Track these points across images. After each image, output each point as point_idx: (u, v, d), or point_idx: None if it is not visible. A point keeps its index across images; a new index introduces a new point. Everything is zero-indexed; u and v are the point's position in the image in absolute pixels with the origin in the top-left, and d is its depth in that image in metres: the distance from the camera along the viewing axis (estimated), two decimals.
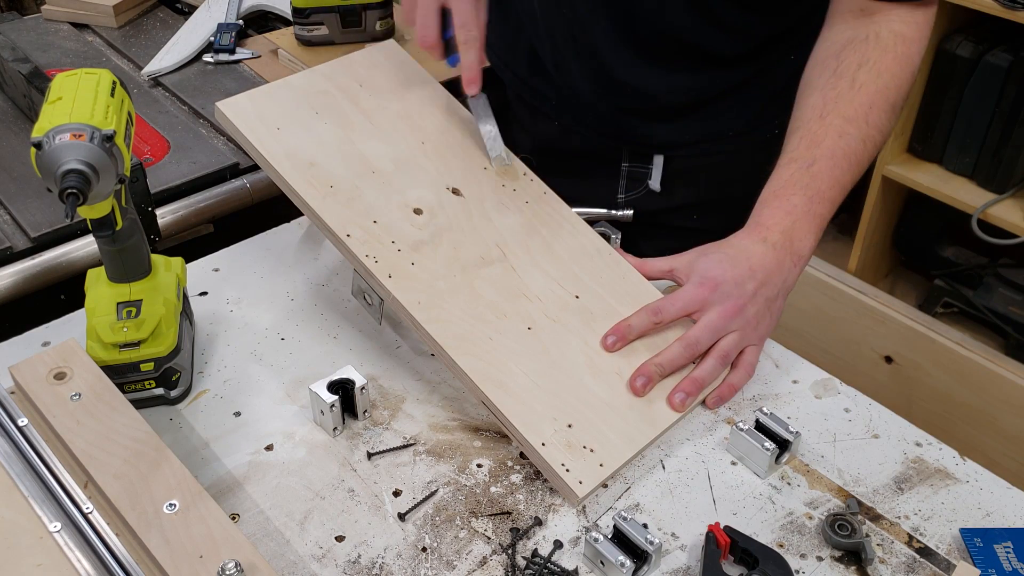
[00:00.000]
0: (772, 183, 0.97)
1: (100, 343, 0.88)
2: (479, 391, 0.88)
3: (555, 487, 0.85)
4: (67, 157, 0.75)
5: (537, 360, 0.90)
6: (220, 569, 0.69)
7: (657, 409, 0.90)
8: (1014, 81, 2.01)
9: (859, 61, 0.98)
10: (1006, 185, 2.10)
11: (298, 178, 0.96)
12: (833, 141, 0.96)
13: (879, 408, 0.94)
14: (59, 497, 0.74)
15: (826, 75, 0.99)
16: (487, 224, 0.99)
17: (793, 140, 0.98)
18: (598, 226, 1.08)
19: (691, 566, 0.79)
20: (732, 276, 0.92)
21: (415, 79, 1.10)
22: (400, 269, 0.93)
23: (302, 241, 1.13)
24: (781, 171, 0.97)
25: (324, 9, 1.66)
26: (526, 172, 1.06)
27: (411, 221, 0.97)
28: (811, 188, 0.95)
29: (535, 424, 0.86)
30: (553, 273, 0.98)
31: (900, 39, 0.99)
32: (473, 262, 0.96)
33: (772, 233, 0.94)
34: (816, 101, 0.98)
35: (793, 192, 0.95)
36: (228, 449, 0.88)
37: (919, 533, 0.82)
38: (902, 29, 0.99)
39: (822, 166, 0.95)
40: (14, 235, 1.28)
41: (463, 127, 1.07)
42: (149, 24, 1.83)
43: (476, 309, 0.92)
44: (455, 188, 1.01)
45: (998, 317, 2.21)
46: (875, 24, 0.99)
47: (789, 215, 0.95)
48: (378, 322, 0.99)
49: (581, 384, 0.90)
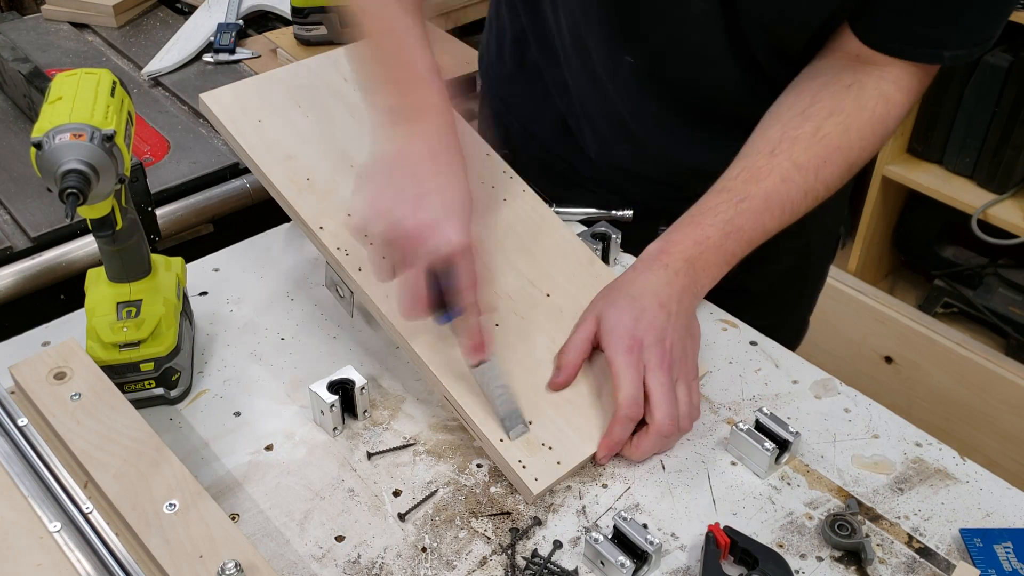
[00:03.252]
0: (695, 207, 0.92)
1: (100, 343, 0.88)
2: (440, 385, 0.88)
3: (512, 483, 0.85)
4: (67, 157, 0.75)
5: (502, 357, 0.90)
6: (220, 569, 0.69)
7: None
8: (1014, 81, 2.01)
9: (832, 109, 0.91)
10: (1006, 185, 2.10)
11: (275, 170, 0.96)
12: (774, 184, 0.91)
13: (879, 408, 0.94)
14: (59, 497, 0.74)
15: (794, 111, 0.93)
16: None
17: (734, 169, 0.92)
18: (598, 226, 1.08)
19: (691, 566, 0.79)
20: (648, 322, 0.86)
21: None
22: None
23: (302, 241, 1.13)
24: (709, 197, 0.92)
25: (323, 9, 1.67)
26: (505, 170, 1.06)
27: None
28: (732, 224, 0.90)
29: (494, 420, 0.86)
30: (526, 271, 0.98)
31: (883, 100, 0.92)
32: None
33: (674, 260, 0.89)
34: (773, 135, 0.92)
35: (711, 223, 0.90)
36: (228, 449, 0.88)
37: (919, 533, 0.82)
38: (889, 89, 0.92)
39: (752, 205, 0.90)
40: (14, 235, 1.28)
41: None
42: (149, 24, 1.83)
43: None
44: None
45: (998, 317, 2.21)
46: (864, 74, 0.92)
47: (698, 245, 0.90)
48: (350, 315, 1.00)
49: (545, 382, 0.90)
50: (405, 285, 0.83)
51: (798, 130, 0.92)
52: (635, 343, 0.86)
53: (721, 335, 1.02)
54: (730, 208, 0.90)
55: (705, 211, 0.91)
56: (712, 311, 1.05)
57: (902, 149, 2.24)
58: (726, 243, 0.90)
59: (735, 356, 0.99)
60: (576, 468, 0.86)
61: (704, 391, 0.95)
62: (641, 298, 0.88)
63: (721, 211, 0.90)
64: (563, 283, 0.98)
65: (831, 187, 0.93)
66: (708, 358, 0.98)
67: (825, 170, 0.91)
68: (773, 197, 0.90)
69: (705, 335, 1.01)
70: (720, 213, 0.90)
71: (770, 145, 0.92)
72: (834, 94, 0.92)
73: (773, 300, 1.12)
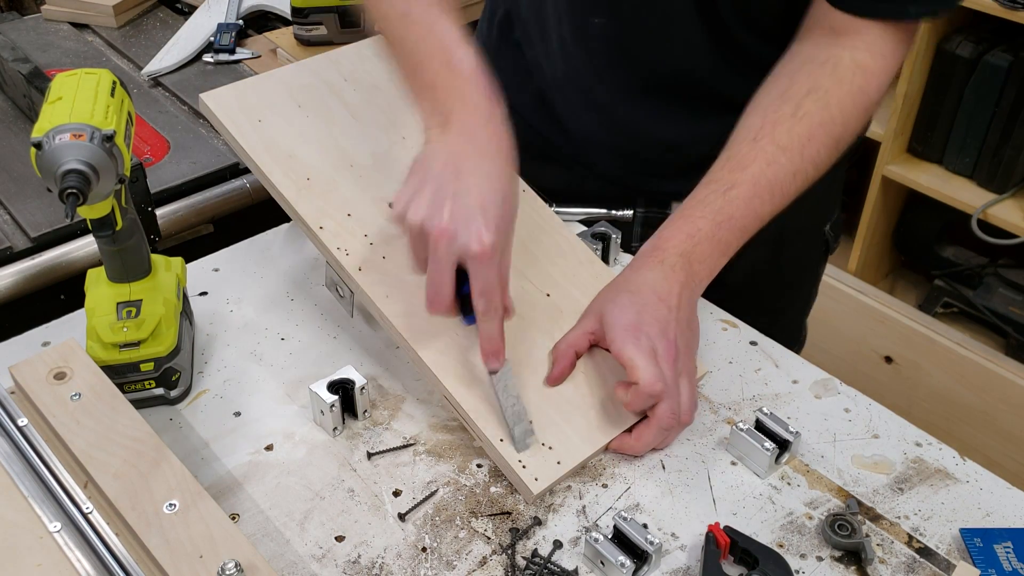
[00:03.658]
0: (685, 202, 0.93)
1: (100, 343, 0.88)
2: (440, 385, 0.88)
3: (512, 483, 0.85)
4: (67, 157, 0.75)
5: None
6: (220, 569, 0.69)
7: (620, 409, 0.89)
8: (1014, 81, 2.01)
9: (810, 87, 0.92)
10: (1006, 185, 2.10)
11: (275, 169, 0.96)
12: (760, 169, 0.91)
13: (879, 408, 0.94)
14: (59, 497, 0.74)
15: (773, 95, 0.93)
16: None
17: (720, 160, 0.93)
18: (598, 226, 1.08)
19: (691, 566, 0.79)
20: (651, 316, 0.87)
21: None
22: (371, 262, 0.93)
23: (302, 241, 1.13)
24: (698, 191, 0.92)
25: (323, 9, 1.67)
26: None
27: (386, 215, 0.96)
28: (722, 213, 0.90)
29: (494, 420, 0.86)
30: (525, 271, 0.98)
31: (860, 71, 0.92)
32: None
33: (669, 255, 0.90)
34: (754, 122, 0.92)
35: (701, 215, 0.90)
36: (228, 449, 0.88)
37: (919, 533, 0.82)
38: (865, 59, 0.92)
39: (741, 192, 0.90)
40: (14, 235, 1.28)
41: None
42: (149, 24, 1.83)
43: None
44: None
45: (998, 317, 2.21)
46: (839, 47, 0.92)
47: (690, 238, 0.90)
48: (350, 314, 1.00)
49: (544, 381, 0.90)
50: (431, 279, 0.84)
51: (778, 112, 0.92)
52: (641, 335, 0.86)
53: (721, 335, 1.02)
54: (719, 198, 0.91)
55: (695, 204, 0.92)
56: (712, 311, 1.05)
57: (902, 149, 2.24)
58: (719, 233, 0.90)
59: (735, 356, 0.99)
60: (576, 468, 0.86)
61: (704, 391, 0.95)
62: (641, 294, 0.88)
63: (710, 202, 0.91)
64: (563, 283, 0.98)
65: (820, 165, 0.93)
66: (708, 358, 0.98)
67: (810, 148, 0.92)
68: (761, 182, 0.91)
69: (705, 335, 1.01)
70: (709, 204, 0.91)
71: (752, 132, 0.92)
72: (810, 72, 0.93)
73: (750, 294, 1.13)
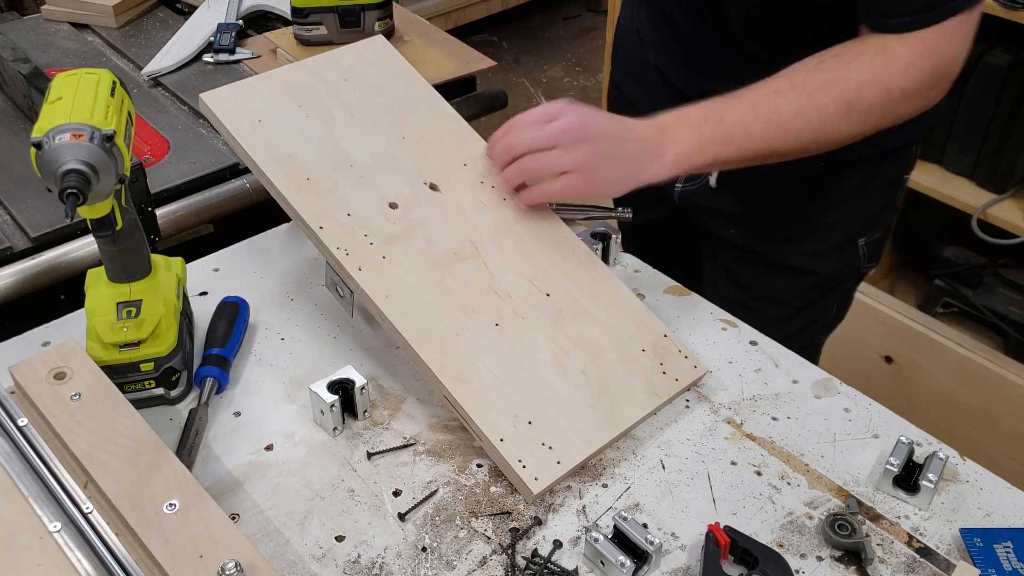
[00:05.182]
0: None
1: (100, 343, 0.88)
2: (440, 385, 0.88)
3: (512, 483, 0.85)
4: (67, 157, 0.76)
5: (502, 356, 0.90)
6: (220, 569, 0.69)
7: (620, 408, 0.90)
8: (1014, 81, 2.01)
9: (835, 52, 0.96)
10: (1006, 185, 2.10)
11: (275, 169, 0.96)
12: (765, 92, 0.95)
13: (879, 408, 0.94)
14: (59, 497, 0.74)
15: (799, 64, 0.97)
16: (462, 220, 0.99)
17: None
18: (598, 226, 1.08)
19: (691, 566, 0.79)
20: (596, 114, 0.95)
21: (401, 75, 1.10)
22: (371, 262, 0.93)
23: (302, 241, 1.13)
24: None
25: (323, 9, 1.66)
26: None
27: (385, 215, 0.97)
28: (714, 112, 0.95)
29: (495, 420, 0.86)
30: (526, 271, 0.98)
31: (884, 50, 0.94)
32: (445, 257, 0.96)
33: (653, 121, 0.97)
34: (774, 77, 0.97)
35: (696, 107, 0.97)
36: (228, 449, 0.88)
37: (919, 533, 0.82)
38: (893, 44, 0.94)
39: (739, 104, 0.95)
40: (14, 235, 1.28)
41: (445, 124, 1.07)
42: (149, 24, 1.83)
43: (445, 304, 0.92)
44: (432, 183, 1.01)
45: (998, 317, 2.21)
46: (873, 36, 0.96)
47: (677, 118, 0.96)
48: (350, 315, 1.00)
49: (545, 381, 0.90)
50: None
51: (801, 64, 0.96)
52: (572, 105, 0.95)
53: (721, 335, 1.02)
54: (718, 101, 0.96)
55: (696, 103, 0.97)
56: (712, 311, 1.05)
57: None
58: (704, 126, 0.95)
59: (735, 356, 0.99)
60: (576, 468, 0.86)
61: (704, 391, 0.95)
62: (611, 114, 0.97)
63: (705, 104, 0.97)
64: (563, 283, 0.98)
65: (825, 117, 0.94)
66: (708, 358, 0.98)
67: (820, 96, 0.94)
68: (761, 104, 0.95)
69: (705, 335, 1.01)
70: (705, 105, 0.97)
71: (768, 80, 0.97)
72: (838, 47, 0.96)
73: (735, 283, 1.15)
